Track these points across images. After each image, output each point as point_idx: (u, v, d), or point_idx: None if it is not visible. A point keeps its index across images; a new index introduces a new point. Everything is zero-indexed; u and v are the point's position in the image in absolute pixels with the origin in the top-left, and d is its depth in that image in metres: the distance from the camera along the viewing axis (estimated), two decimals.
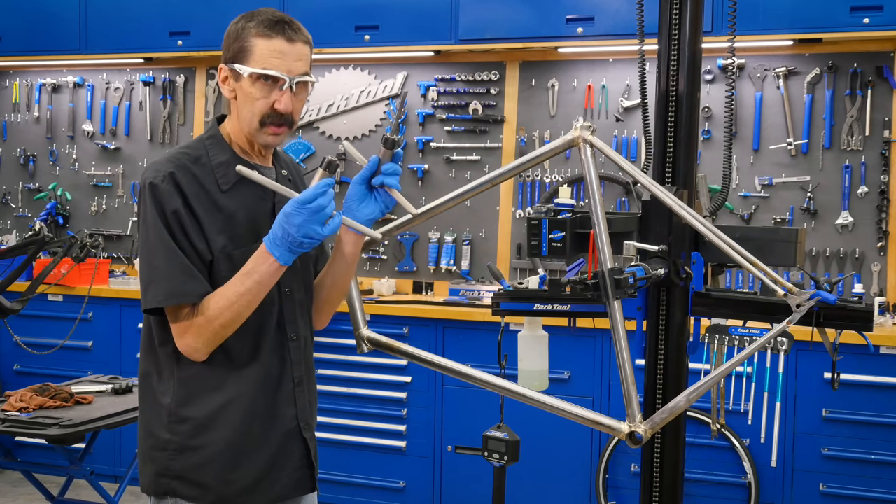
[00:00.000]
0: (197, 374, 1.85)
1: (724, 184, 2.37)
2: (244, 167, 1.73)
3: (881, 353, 3.64)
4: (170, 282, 1.78)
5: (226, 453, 1.86)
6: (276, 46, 1.81)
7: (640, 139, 4.41)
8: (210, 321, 1.79)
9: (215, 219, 1.84)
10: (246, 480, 1.89)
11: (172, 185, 1.80)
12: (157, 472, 1.88)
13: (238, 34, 1.84)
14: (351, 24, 4.47)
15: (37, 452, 4.49)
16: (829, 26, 3.93)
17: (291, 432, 1.95)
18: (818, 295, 1.99)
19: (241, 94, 1.85)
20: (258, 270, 1.77)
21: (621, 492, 3.97)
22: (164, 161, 1.85)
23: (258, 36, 1.81)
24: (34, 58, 5.23)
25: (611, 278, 2.00)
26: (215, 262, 1.83)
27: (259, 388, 1.89)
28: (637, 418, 1.99)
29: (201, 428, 1.86)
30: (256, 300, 1.80)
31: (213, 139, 1.92)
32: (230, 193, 1.87)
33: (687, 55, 2.22)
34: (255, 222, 1.88)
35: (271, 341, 1.91)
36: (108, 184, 5.33)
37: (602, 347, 3.95)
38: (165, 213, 1.79)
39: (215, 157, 1.88)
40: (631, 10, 2.43)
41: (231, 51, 1.84)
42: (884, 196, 4.12)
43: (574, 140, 2.12)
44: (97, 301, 4.61)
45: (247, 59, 1.82)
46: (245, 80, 1.82)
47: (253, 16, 1.84)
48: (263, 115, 1.84)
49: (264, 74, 1.81)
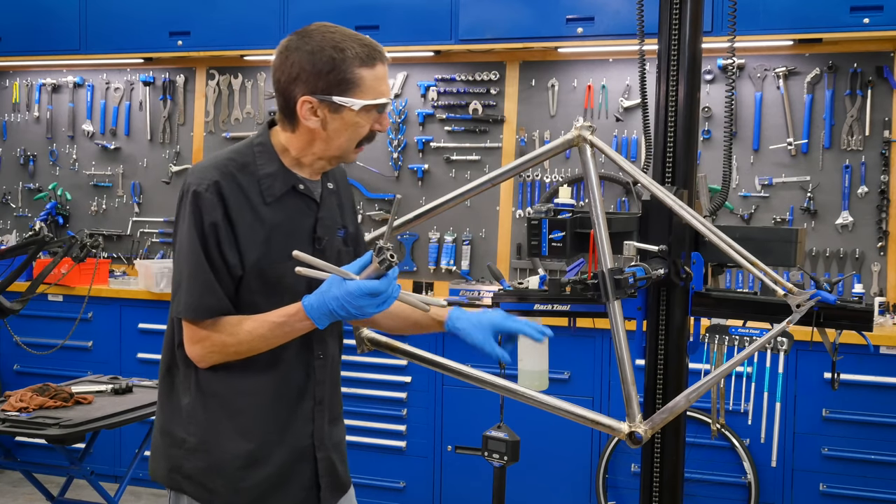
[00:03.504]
0: (215, 379, 1.85)
1: (724, 184, 2.37)
2: (301, 253, 1.67)
3: (881, 353, 3.64)
4: (190, 295, 1.78)
5: (235, 461, 1.86)
6: (379, 74, 1.81)
7: (640, 139, 4.41)
8: (226, 345, 1.79)
9: (254, 231, 1.81)
10: (253, 492, 1.87)
11: (216, 195, 1.77)
12: (171, 468, 1.90)
13: (335, 66, 1.77)
14: (351, 24, 4.39)
15: (37, 452, 4.49)
16: (829, 26, 3.92)
17: (304, 451, 1.93)
18: (818, 295, 1.99)
19: (339, 125, 1.81)
20: (291, 325, 1.77)
21: (621, 492, 3.97)
22: (211, 167, 1.81)
23: (361, 67, 1.78)
24: (34, 58, 5.23)
25: (611, 278, 2.00)
26: (246, 276, 1.81)
27: (276, 401, 1.88)
28: (637, 418, 1.99)
29: (213, 432, 1.85)
30: (278, 344, 1.81)
31: (263, 147, 1.87)
32: (273, 206, 1.84)
33: (687, 55, 2.22)
34: (293, 237, 1.85)
35: (296, 358, 1.89)
36: (108, 184, 5.33)
37: (602, 347, 3.95)
38: (203, 225, 1.77)
39: (262, 168, 1.85)
40: (631, 10, 2.43)
41: (328, 82, 1.78)
42: (884, 196, 4.12)
43: (574, 140, 2.13)
44: (97, 301, 4.61)
45: (353, 91, 1.79)
46: (349, 112, 1.79)
47: (342, 46, 1.78)
48: (361, 139, 1.85)
49: (379, 104, 1.81)
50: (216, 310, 1.79)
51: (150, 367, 4.54)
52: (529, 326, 1.98)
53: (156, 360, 4.58)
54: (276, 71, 1.83)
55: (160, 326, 4.58)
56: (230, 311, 1.81)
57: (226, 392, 1.85)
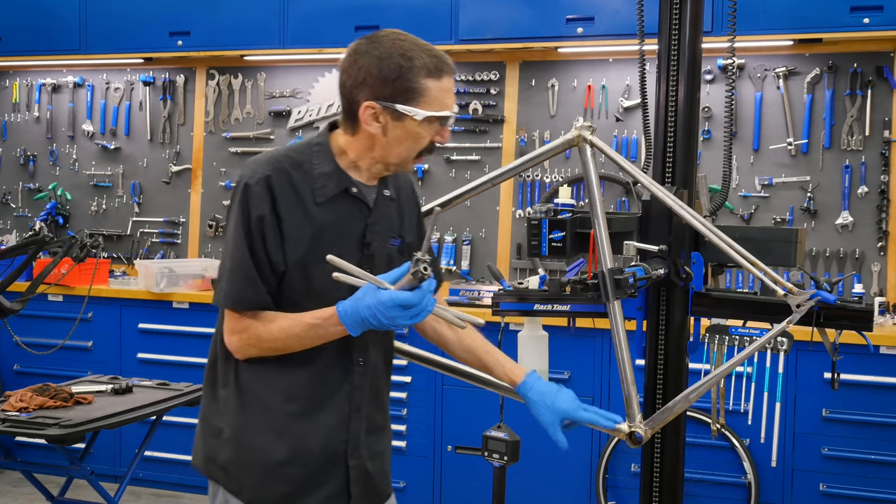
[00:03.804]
0: (253, 375, 1.86)
1: (724, 184, 2.37)
2: (334, 258, 1.68)
3: (881, 353, 3.64)
4: (231, 286, 1.80)
5: (265, 458, 1.86)
6: (445, 86, 1.80)
7: (640, 139, 4.41)
8: (262, 339, 1.81)
9: (302, 229, 1.81)
10: (279, 491, 1.87)
11: (265, 188, 1.78)
12: (206, 457, 1.92)
13: (402, 74, 1.76)
14: (351, 24, 4.46)
15: (37, 452, 4.49)
16: (829, 26, 3.93)
17: (336, 457, 1.90)
18: (818, 295, 1.99)
19: (400, 133, 1.80)
20: (325, 329, 1.77)
21: (621, 492, 3.97)
22: (265, 161, 1.82)
23: (428, 77, 1.77)
24: (34, 58, 5.23)
25: (611, 278, 2.00)
26: (288, 273, 1.81)
27: (311, 404, 1.87)
28: (637, 418, 2.00)
29: (246, 427, 1.86)
30: (313, 345, 1.81)
31: (321, 147, 1.87)
32: (324, 206, 1.83)
33: (687, 55, 2.22)
34: (341, 240, 1.85)
35: (334, 362, 1.88)
36: (108, 184, 5.33)
37: (602, 347, 3.95)
38: (250, 218, 1.78)
39: (317, 167, 1.84)
40: (631, 10, 2.43)
41: (393, 90, 1.77)
42: (884, 196, 4.12)
43: (574, 140, 2.13)
44: (97, 301, 4.61)
45: (418, 101, 1.78)
46: (411, 121, 1.79)
47: (411, 55, 1.77)
48: (422, 150, 1.84)
49: (442, 117, 1.80)
50: (255, 303, 1.80)
51: (150, 367, 4.54)
52: (601, 416, 1.94)
53: (155, 360, 4.62)
54: (343, 73, 1.82)
55: (160, 326, 4.59)
56: (270, 305, 1.81)
57: (262, 389, 1.86)
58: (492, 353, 2.05)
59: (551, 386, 1.97)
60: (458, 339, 2.07)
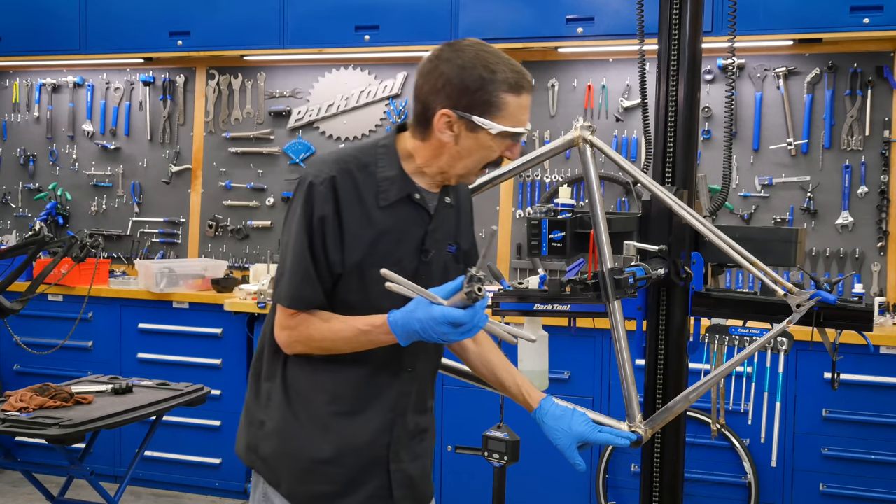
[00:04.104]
0: (300, 371, 1.86)
1: (724, 184, 2.37)
2: (388, 271, 1.67)
3: (881, 353, 3.64)
4: (289, 285, 1.80)
5: (305, 454, 1.85)
6: (524, 103, 1.80)
7: (640, 139, 4.41)
8: (311, 338, 1.81)
9: (363, 232, 1.80)
10: (316, 489, 1.86)
11: (330, 189, 1.77)
12: (248, 447, 1.93)
13: (483, 86, 1.75)
14: (351, 24, 4.46)
15: (37, 452, 4.49)
16: (829, 26, 3.93)
17: (378, 459, 1.89)
18: (818, 295, 1.99)
19: (472, 144, 1.79)
20: (375, 336, 1.77)
21: (621, 492, 3.97)
22: (332, 161, 1.82)
23: (508, 93, 1.76)
24: (34, 58, 5.23)
25: (611, 278, 2.00)
26: (346, 275, 1.81)
27: (356, 405, 1.86)
28: (637, 418, 2.00)
29: (289, 422, 1.86)
30: (361, 350, 1.81)
31: (387, 150, 1.85)
32: (386, 210, 1.82)
33: (687, 55, 2.23)
34: (400, 245, 1.84)
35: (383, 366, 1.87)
36: (108, 184, 5.33)
37: (602, 347, 3.95)
38: (312, 218, 1.77)
39: (382, 171, 1.83)
40: (631, 10, 2.43)
41: (472, 100, 1.75)
42: (884, 196, 4.12)
43: (574, 140, 2.13)
44: (97, 301, 4.61)
45: (495, 114, 1.76)
46: (485, 134, 1.77)
47: (494, 68, 1.76)
48: (489, 163, 1.83)
49: (515, 133, 1.79)
50: (311, 302, 1.80)
51: (150, 367, 4.54)
52: (616, 436, 1.94)
53: (155, 360, 4.62)
54: (421, 77, 1.80)
55: (160, 326, 4.58)
56: (324, 305, 1.82)
57: (308, 386, 1.86)
58: (512, 373, 2.04)
59: (566, 410, 1.97)
60: (479, 352, 2.05)
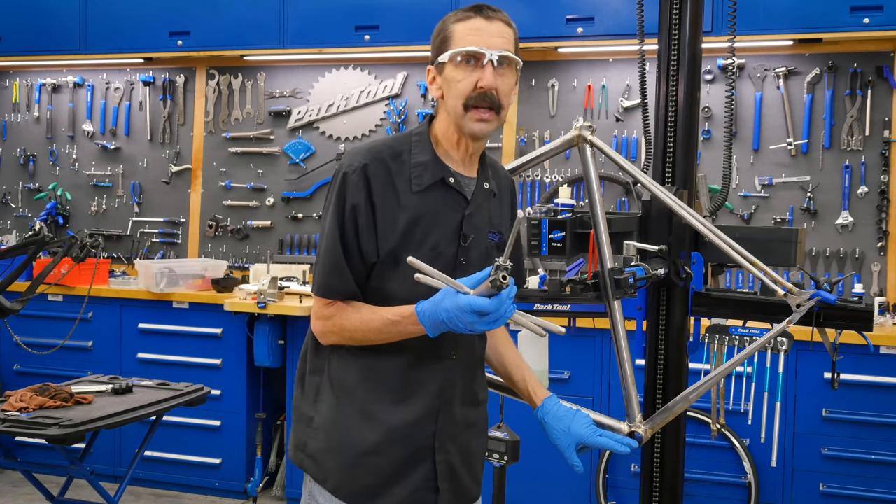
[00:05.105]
0: (344, 365, 1.87)
1: (724, 184, 2.37)
2: (415, 260, 1.65)
3: (881, 353, 3.64)
4: (322, 274, 1.82)
5: (352, 447, 1.85)
6: (473, 25, 1.81)
7: (640, 139, 4.40)
8: (343, 328, 1.82)
9: (396, 218, 1.80)
10: (362, 481, 1.85)
11: (362, 177, 1.78)
12: (296, 444, 1.92)
13: (440, 31, 1.84)
14: (351, 24, 4.46)
15: (37, 452, 4.49)
16: (829, 26, 3.93)
17: (423, 449, 1.87)
18: (818, 295, 1.99)
19: (445, 85, 1.82)
20: (404, 326, 1.76)
21: (621, 492, 3.97)
22: (364, 150, 1.83)
23: (456, 21, 1.82)
24: (34, 58, 5.23)
25: (611, 278, 2.00)
26: (380, 263, 1.81)
27: (401, 395, 1.85)
28: (637, 418, 2.00)
29: (336, 416, 1.86)
30: (392, 340, 1.81)
31: (420, 137, 1.87)
32: (421, 195, 1.82)
33: (687, 55, 2.23)
34: (436, 230, 1.83)
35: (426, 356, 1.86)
36: (108, 184, 5.33)
37: (602, 347, 3.95)
38: (344, 208, 1.78)
39: (416, 157, 1.84)
40: (631, 10, 2.43)
41: (436, 48, 1.84)
42: (884, 196, 4.12)
43: (574, 140, 2.13)
44: (97, 301, 4.61)
45: (448, 45, 1.81)
46: (448, 67, 1.80)
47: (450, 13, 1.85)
48: (467, 98, 1.79)
49: (464, 52, 1.78)
50: (342, 292, 1.81)
51: (150, 367, 4.54)
52: (616, 442, 1.92)
53: (155, 360, 4.62)
54: None
55: (160, 326, 4.58)
56: (356, 295, 1.82)
57: (351, 377, 1.86)
58: (521, 368, 2.04)
59: (568, 411, 1.96)
60: (492, 342, 2.05)
